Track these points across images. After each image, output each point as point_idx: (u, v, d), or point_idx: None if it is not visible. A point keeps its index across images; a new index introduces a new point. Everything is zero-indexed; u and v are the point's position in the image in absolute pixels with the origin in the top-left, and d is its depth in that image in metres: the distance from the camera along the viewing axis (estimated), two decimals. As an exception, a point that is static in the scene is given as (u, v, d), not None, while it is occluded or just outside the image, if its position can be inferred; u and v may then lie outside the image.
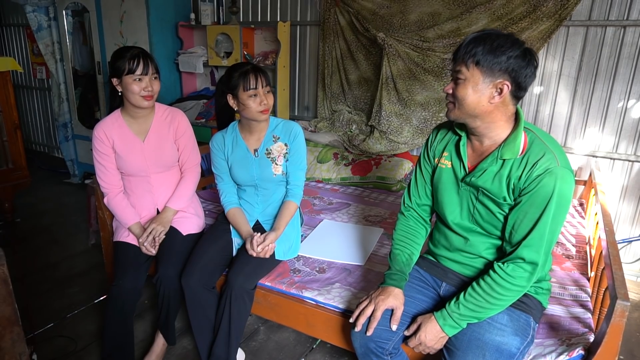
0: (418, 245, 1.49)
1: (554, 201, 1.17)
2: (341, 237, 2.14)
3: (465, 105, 1.22)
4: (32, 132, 5.28)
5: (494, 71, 1.17)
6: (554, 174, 1.16)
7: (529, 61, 1.17)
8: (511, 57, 1.15)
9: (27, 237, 3.11)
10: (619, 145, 2.58)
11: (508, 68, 1.16)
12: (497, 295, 1.22)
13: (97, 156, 1.85)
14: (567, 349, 1.28)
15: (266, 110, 1.76)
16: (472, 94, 1.20)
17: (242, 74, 1.72)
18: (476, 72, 1.18)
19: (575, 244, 2.08)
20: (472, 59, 1.18)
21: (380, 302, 1.34)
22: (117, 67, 1.73)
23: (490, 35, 1.18)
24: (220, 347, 1.67)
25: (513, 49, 1.16)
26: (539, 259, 1.20)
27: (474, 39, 1.19)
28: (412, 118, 2.94)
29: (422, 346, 1.30)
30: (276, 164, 1.84)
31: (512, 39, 1.18)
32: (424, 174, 1.48)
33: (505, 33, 1.20)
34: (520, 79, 1.18)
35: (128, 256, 1.81)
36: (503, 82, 1.18)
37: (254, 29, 3.51)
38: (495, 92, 1.19)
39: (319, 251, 1.97)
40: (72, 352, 1.97)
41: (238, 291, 1.62)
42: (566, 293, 1.66)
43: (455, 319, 1.25)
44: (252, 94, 1.72)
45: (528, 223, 1.20)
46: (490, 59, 1.16)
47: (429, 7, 2.79)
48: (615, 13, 2.42)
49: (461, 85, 1.21)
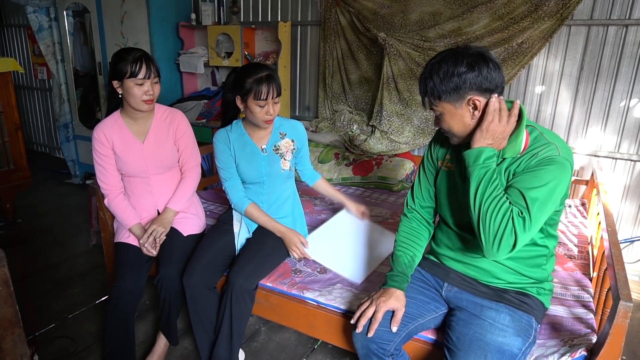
0: (421, 247, 1.48)
1: (549, 184, 1.14)
2: (352, 237, 2.00)
3: (456, 132, 1.25)
4: (33, 132, 5.28)
5: (458, 95, 1.18)
6: (554, 161, 1.16)
7: (479, 67, 1.16)
8: (461, 74, 1.15)
9: (28, 238, 3.11)
10: (621, 145, 2.57)
11: (466, 85, 1.16)
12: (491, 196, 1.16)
13: (97, 158, 1.85)
14: (570, 350, 1.28)
15: (270, 121, 1.76)
16: (454, 122, 1.23)
17: (256, 82, 1.67)
18: (444, 104, 1.21)
19: (577, 244, 2.08)
20: (432, 96, 1.22)
21: (382, 304, 1.33)
22: (119, 70, 1.71)
23: (434, 66, 1.19)
24: (221, 348, 1.66)
25: (458, 66, 1.16)
26: (526, 215, 1.13)
27: (424, 77, 1.22)
28: (413, 118, 2.93)
29: None
30: (285, 160, 1.86)
31: (454, 57, 1.17)
32: (427, 176, 1.48)
33: (447, 52, 1.20)
34: (484, 85, 1.17)
35: (129, 257, 1.81)
36: (472, 99, 1.18)
37: (255, 29, 3.50)
38: (471, 109, 1.20)
39: (321, 252, 1.89)
40: (73, 353, 1.97)
41: (239, 291, 1.62)
42: (568, 293, 1.66)
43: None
44: (262, 104, 1.70)
45: (522, 183, 1.16)
46: (446, 88, 1.18)
47: (430, 6, 2.78)
48: (617, 12, 2.41)
49: (442, 119, 1.25)
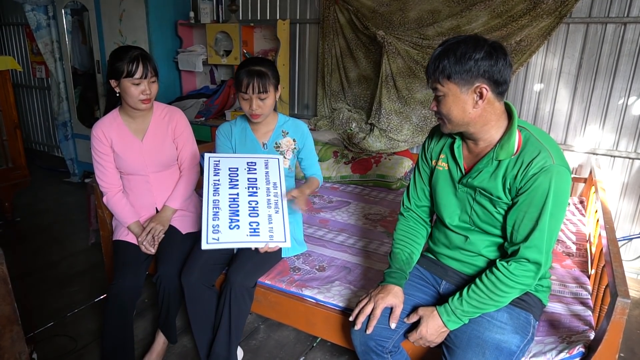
0: (419, 245, 1.48)
1: (551, 199, 1.16)
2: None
3: (453, 119, 1.23)
4: (31, 131, 5.27)
5: (468, 79, 1.17)
6: (549, 172, 1.16)
7: (497, 57, 1.16)
8: (478, 60, 1.15)
9: (27, 237, 3.10)
10: (619, 143, 2.57)
11: (479, 71, 1.16)
12: (501, 293, 1.22)
13: (96, 156, 1.85)
14: (568, 347, 1.28)
15: (256, 116, 1.72)
16: (455, 106, 1.21)
17: (244, 74, 1.67)
18: (451, 85, 1.19)
19: (575, 241, 2.08)
20: (442, 74, 1.19)
21: (380, 300, 1.34)
22: (116, 69, 1.71)
23: (452, 46, 1.18)
24: (220, 346, 1.67)
25: (477, 51, 1.15)
26: (541, 258, 1.20)
27: (439, 55, 1.20)
28: (412, 116, 2.93)
29: (422, 340, 1.30)
30: (285, 158, 1.86)
31: (474, 42, 1.17)
32: (422, 176, 1.48)
33: (467, 36, 1.19)
34: (495, 77, 1.17)
35: (127, 255, 1.81)
36: (480, 86, 1.17)
37: (254, 27, 3.50)
38: (476, 97, 1.19)
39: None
40: (72, 351, 1.97)
41: (238, 289, 1.62)
42: (566, 291, 1.66)
43: (459, 315, 1.25)
44: (245, 97, 1.70)
45: (528, 223, 1.20)
46: (459, 69, 1.16)
47: (429, 4, 2.78)
48: (615, 10, 2.42)
49: (442, 101, 1.23)
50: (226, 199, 1.60)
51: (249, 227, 1.57)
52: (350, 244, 2.07)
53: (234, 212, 1.59)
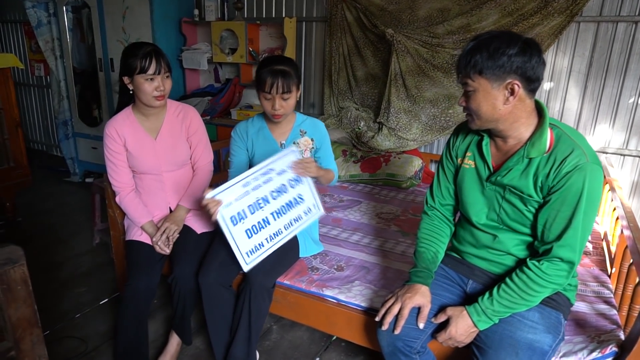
0: (443, 244, 1.46)
1: (585, 197, 1.15)
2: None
3: (482, 115, 1.21)
4: (30, 130, 5.20)
5: (500, 74, 1.15)
6: (583, 170, 1.15)
7: (531, 53, 1.14)
8: (512, 55, 1.13)
9: (30, 237, 3.05)
10: (630, 142, 2.57)
11: (512, 67, 1.14)
12: (533, 293, 1.20)
13: (109, 154, 1.81)
14: (599, 346, 1.27)
15: (278, 116, 1.69)
16: (485, 102, 1.19)
17: (267, 73, 1.62)
18: (482, 80, 1.17)
19: (591, 240, 2.07)
20: (473, 69, 1.17)
21: (407, 300, 1.31)
22: (129, 66, 1.68)
23: (485, 41, 1.16)
24: (238, 347, 1.64)
25: (511, 47, 1.13)
26: (575, 257, 1.19)
27: (471, 49, 1.18)
28: (421, 115, 2.92)
29: (451, 340, 1.28)
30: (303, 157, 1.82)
31: (508, 37, 1.15)
32: (447, 174, 1.46)
33: (500, 32, 1.18)
34: (528, 73, 1.15)
35: (141, 255, 1.77)
36: (512, 82, 1.15)
37: (260, 25, 3.47)
38: (507, 93, 1.17)
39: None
40: (83, 353, 1.93)
41: (258, 289, 1.59)
42: (588, 289, 1.65)
43: (489, 315, 1.23)
44: (267, 97, 1.66)
45: (561, 222, 1.18)
46: (491, 64, 1.14)
47: (439, 2, 2.76)
48: (626, 9, 2.42)
49: (472, 97, 1.21)
50: (254, 224, 1.60)
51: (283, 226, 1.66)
52: (366, 243, 2.05)
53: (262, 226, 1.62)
